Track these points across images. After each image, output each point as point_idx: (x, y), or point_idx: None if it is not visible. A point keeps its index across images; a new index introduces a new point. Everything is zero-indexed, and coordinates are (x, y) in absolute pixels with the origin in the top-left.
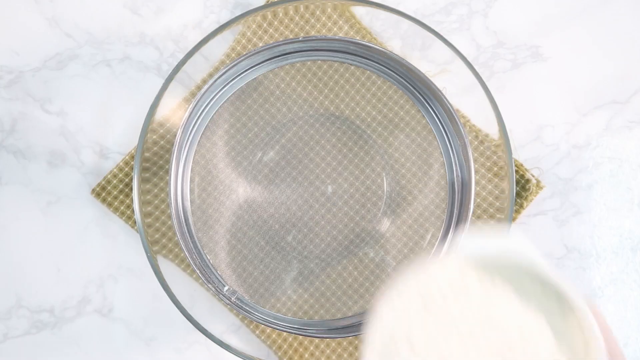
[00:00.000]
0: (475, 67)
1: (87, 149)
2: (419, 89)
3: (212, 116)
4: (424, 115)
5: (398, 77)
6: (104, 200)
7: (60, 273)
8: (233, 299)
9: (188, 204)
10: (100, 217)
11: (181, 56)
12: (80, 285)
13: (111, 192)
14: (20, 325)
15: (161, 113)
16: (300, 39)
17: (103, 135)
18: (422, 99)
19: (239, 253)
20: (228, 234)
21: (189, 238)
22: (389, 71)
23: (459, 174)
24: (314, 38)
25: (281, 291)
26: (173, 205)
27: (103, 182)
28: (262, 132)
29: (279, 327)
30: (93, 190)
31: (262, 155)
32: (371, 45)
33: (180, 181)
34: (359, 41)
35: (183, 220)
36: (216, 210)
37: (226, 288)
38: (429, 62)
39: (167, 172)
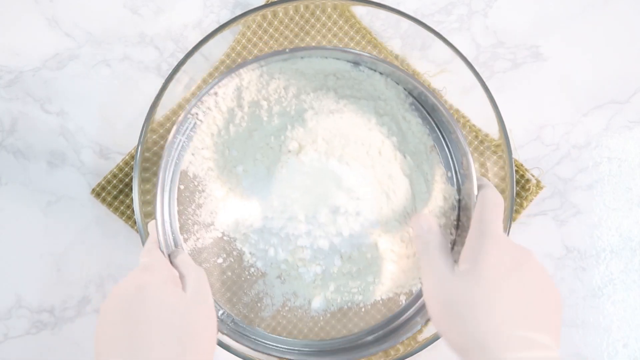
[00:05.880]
0: (475, 67)
1: (87, 149)
2: (413, 94)
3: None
4: (420, 121)
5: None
6: (104, 200)
7: (60, 273)
8: (229, 322)
9: (177, 225)
10: (100, 217)
11: (181, 56)
12: (80, 285)
13: (111, 192)
14: (20, 325)
15: (161, 113)
16: (287, 51)
17: (103, 135)
18: (419, 105)
19: (229, 278)
20: (219, 256)
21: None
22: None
23: (459, 183)
24: (301, 49)
25: (275, 311)
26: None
27: (103, 182)
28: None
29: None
30: (93, 190)
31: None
32: (362, 53)
33: (168, 199)
34: (351, 50)
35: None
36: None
37: (221, 312)
38: (429, 62)
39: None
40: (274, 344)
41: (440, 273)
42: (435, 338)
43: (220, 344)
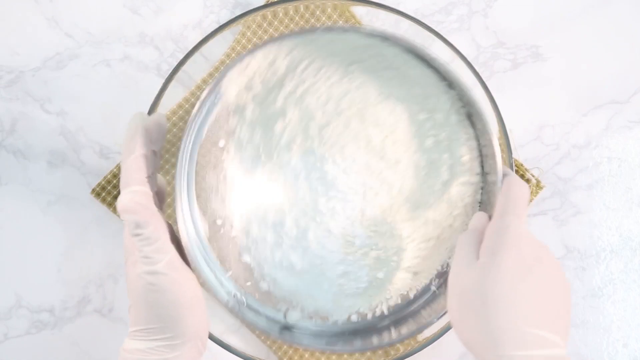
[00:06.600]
0: (475, 67)
1: (87, 149)
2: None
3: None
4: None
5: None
6: (103, 200)
7: (60, 273)
8: (239, 303)
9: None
10: (100, 217)
11: (181, 56)
12: (80, 285)
13: (111, 192)
14: (20, 325)
15: (161, 113)
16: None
17: (103, 135)
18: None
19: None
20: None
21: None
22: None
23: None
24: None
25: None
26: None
27: (103, 182)
28: None
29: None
30: (93, 190)
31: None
32: (391, 34)
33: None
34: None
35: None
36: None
37: (235, 291)
38: None
39: (167, 172)
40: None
41: (463, 263)
42: (435, 338)
43: (221, 343)
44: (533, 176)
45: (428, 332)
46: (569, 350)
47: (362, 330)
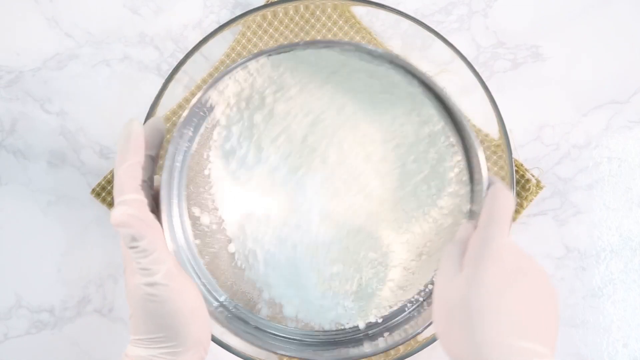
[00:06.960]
0: (475, 67)
1: (87, 149)
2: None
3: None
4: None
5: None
6: (104, 200)
7: (60, 273)
8: (232, 308)
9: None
10: (100, 217)
11: (181, 56)
12: (80, 285)
13: (111, 192)
14: (20, 325)
15: (161, 113)
16: (301, 43)
17: (103, 135)
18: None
19: (229, 265)
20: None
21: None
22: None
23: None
24: (318, 42)
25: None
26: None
27: (103, 182)
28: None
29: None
30: (93, 190)
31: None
32: (373, 48)
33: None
34: (363, 45)
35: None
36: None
37: (223, 297)
38: (429, 62)
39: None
40: (275, 333)
41: (447, 275)
42: (435, 338)
43: (221, 343)
44: (533, 176)
45: (428, 332)
46: (570, 350)
47: (346, 342)
